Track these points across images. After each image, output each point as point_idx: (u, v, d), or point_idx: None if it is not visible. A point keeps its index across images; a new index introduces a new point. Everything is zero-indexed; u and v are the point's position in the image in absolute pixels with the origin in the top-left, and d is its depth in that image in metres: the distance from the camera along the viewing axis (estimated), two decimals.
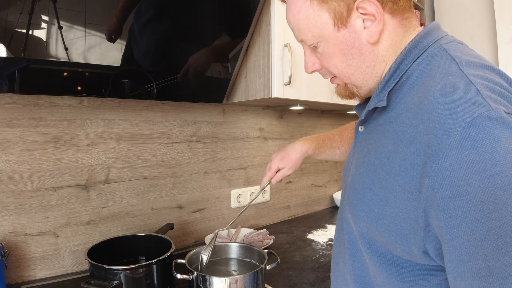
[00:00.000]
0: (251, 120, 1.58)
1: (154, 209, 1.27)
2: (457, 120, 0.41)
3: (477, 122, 0.40)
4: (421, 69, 0.51)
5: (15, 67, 0.83)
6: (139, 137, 1.22)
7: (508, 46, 1.73)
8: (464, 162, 0.40)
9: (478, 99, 0.41)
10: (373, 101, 0.56)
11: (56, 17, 0.83)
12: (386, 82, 0.54)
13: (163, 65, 1.07)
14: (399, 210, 0.48)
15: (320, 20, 0.54)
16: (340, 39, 0.54)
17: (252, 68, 1.24)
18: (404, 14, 0.54)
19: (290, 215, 1.81)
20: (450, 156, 0.40)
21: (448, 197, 0.41)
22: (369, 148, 0.57)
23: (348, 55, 0.55)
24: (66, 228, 1.07)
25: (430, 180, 0.43)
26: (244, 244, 1.05)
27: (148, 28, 0.97)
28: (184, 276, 0.84)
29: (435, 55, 0.51)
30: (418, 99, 0.48)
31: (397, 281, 0.53)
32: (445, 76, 0.47)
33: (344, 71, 0.57)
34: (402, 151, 0.48)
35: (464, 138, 0.40)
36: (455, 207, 0.41)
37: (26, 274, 1.00)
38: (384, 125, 0.54)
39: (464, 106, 0.41)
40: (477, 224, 0.40)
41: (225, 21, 1.12)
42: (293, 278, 1.06)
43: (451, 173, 0.40)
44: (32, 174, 1.00)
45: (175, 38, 1.04)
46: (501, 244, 0.39)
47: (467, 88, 0.43)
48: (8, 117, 0.97)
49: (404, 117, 0.50)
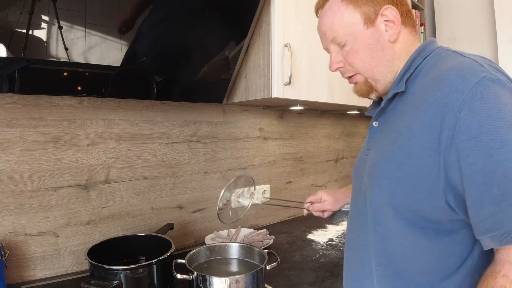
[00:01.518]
0: (251, 120, 1.58)
1: (154, 209, 1.27)
2: (467, 82, 0.53)
3: (482, 82, 0.53)
4: (430, 64, 0.64)
5: (15, 67, 0.83)
6: (139, 137, 1.22)
7: (508, 46, 1.73)
8: (475, 111, 0.51)
9: (481, 68, 0.55)
10: (393, 90, 0.67)
11: (56, 17, 0.83)
12: (403, 74, 0.67)
13: (164, 64, 1.07)
14: (421, 168, 0.57)
15: (353, 20, 0.67)
16: (368, 35, 0.67)
17: (252, 68, 1.24)
18: (411, 28, 0.70)
19: (290, 215, 1.81)
20: (465, 109, 0.52)
21: (466, 140, 0.52)
22: (388, 130, 0.68)
23: (373, 49, 0.67)
24: (66, 228, 1.07)
25: (449, 131, 0.54)
26: (244, 244, 1.05)
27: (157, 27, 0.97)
28: (184, 276, 0.84)
29: (440, 53, 0.65)
30: (432, 79, 0.60)
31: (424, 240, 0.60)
32: (452, 60, 0.60)
33: (368, 63, 0.68)
34: (421, 117, 0.58)
35: (474, 93, 0.52)
36: (471, 147, 0.51)
37: (26, 274, 1.00)
38: (402, 107, 0.65)
39: (471, 73, 0.54)
40: (490, 158, 0.50)
41: (225, 21, 1.12)
42: (293, 278, 1.06)
43: (466, 121, 0.52)
44: (32, 174, 1.00)
45: (176, 38, 1.04)
46: (510, 174, 0.49)
47: (471, 63, 0.57)
48: (8, 117, 0.97)
49: (420, 93, 0.61)
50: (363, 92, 0.72)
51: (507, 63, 1.73)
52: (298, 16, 1.22)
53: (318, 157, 1.99)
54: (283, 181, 1.77)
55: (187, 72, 1.15)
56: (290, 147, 1.80)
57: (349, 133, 2.22)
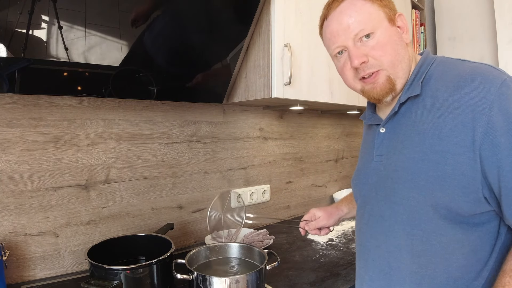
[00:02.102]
0: (251, 120, 1.58)
1: (154, 209, 1.27)
2: (492, 83, 0.60)
3: (505, 84, 0.59)
4: (440, 70, 0.69)
5: (15, 67, 0.83)
6: (139, 137, 1.22)
7: (508, 46, 1.73)
8: (504, 109, 0.58)
9: (497, 71, 0.62)
10: (405, 94, 0.70)
11: (56, 17, 0.83)
12: (413, 79, 0.70)
13: (164, 64, 1.07)
14: (457, 165, 0.61)
15: (379, 15, 0.69)
16: (394, 31, 0.70)
17: (252, 68, 1.24)
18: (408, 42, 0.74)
19: (290, 215, 1.81)
20: (494, 107, 0.58)
21: (500, 135, 0.58)
22: (406, 133, 0.69)
23: (398, 45, 0.70)
24: (66, 228, 1.07)
25: (483, 129, 0.58)
26: (244, 244, 1.05)
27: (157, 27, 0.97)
28: (184, 276, 0.84)
29: (445, 61, 0.70)
30: (451, 82, 0.64)
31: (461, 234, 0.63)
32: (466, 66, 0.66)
33: (394, 58, 0.69)
34: (450, 117, 0.62)
35: (501, 93, 0.59)
36: (505, 141, 0.57)
37: (26, 274, 1.00)
38: (419, 110, 0.68)
39: (493, 75, 0.61)
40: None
41: (225, 21, 1.12)
42: (293, 278, 1.06)
43: (498, 118, 0.58)
44: (32, 174, 1.00)
45: (177, 38, 1.04)
46: None
47: (487, 67, 0.63)
48: (8, 117, 0.97)
49: (443, 95, 0.65)
50: (384, 90, 0.70)
51: (507, 63, 1.73)
52: (298, 16, 1.22)
53: (318, 157, 1.99)
54: (283, 181, 1.77)
55: (187, 72, 1.15)
56: (290, 147, 1.80)
57: (349, 133, 2.22)
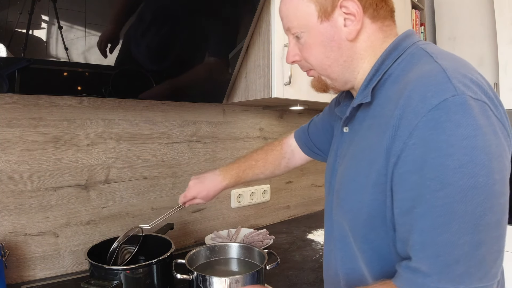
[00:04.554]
0: (251, 120, 1.58)
1: (154, 209, 1.27)
2: (425, 103, 0.45)
3: (442, 106, 0.43)
4: (401, 68, 0.55)
5: (15, 67, 0.83)
6: (139, 137, 1.22)
7: (508, 46, 1.73)
8: (425, 141, 0.44)
9: (447, 85, 0.45)
10: (358, 98, 0.59)
11: (56, 17, 0.83)
12: (369, 80, 0.57)
13: (164, 64, 1.07)
14: (376, 195, 0.52)
15: (307, 10, 0.58)
16: (322, 31, 0.58)
17: (252, 68, 1.24)
18: (384, 21, 0.59)
19: (290, 215, 1.81)
20: (415, 136, 0.45)
21: (409, 172, 0.46)
22: (355, 144, 0.61)
23: (327, 47, 0.58)
24: (66, 228, 1.07)
25: (395, 159, 0.48)
26: (244, 244, 1.05)
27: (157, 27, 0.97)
28: (184, 276, 0.84)
29: (414, 54, 0.55)
30: (399, 92, 0.51)
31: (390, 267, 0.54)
32: (421, 68, 0.51)
33: (321, 62, 0.60)
34: (382, 139, 0.51)
35: (429, 120, 0.44)
36: (413, 182, 0.45)
37: (26, 274, 1.00)
38: (369, 120, 0.58)
39: (433, 91, 0.45)
40: (423, 199, 0.44)
41: (225, 21, 1.12)
42: (293, 278, 1.06)
43: (414, 151, 0.45)
44: (32, 174, 1.00)
45: (177, 38, 1.04)
46: (439, 223, 0.43)
47: (439, 75, 0.47)
48: (8, 117, 0.97)
49: (386, 109, 0.53)
50: (319, 89, 0.66)
51: (507, 63, 1.73)
52: None
53: None
54: (283, 181, 1.77)
55: (187, 72, 1.15)
56: None
57: None
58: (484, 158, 0.41)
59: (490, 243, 0.42)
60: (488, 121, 0.43)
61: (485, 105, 0.44)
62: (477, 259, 0.42)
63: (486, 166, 0.41)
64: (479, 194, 0.41)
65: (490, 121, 0.44)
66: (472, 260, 0.42)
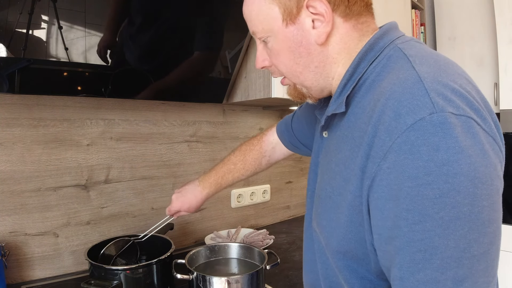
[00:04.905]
0: (251, 120, 1.58)
1: (154, 209, 1.27)
2: (399, 123, 0.39)
3: (418, 126, 0.38)
4: (377, 72, 0.49)
5: (15, 67, 0.83)
6: (139, 137, 1.22)
7: (508, 46, 1.73)
8: (399, 166, 0.39)
9: (424, 100, 0.39)
10: (332, 106, 0.53)
11: (56, 17, 0.83)
12: (343, 86, 0.51)
13: (164, 66, 1.07)
14: (352, 217, 0.47)
15: (270, 13, 0.52)
16: (288, 35, 0.52)
17: (252, 68, 1.24)
18: (359, 18, 0.52)
19: (290, 215, 1.81)
20: (389, 159, 0.40)
21: (384, 198, 0.41)
22: (331, 155, 0.55)
23: (296, 53, 0.53)
24: (66, 228, 1.07)
25: (369, 181, 0.43)
26: (244, 244, 1.05)
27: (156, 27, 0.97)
28: (184, 276, 0.84)
29: (390, 56, 0.49)
30: (373, 102, 0.46)
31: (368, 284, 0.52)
32: (396, 75, 0.45)
33: (292, 69, 0.55)
34: (355, 156, 0.46)
35: (403, 142, 0.38)
36: (389, 209, 0.40)
37: (26, 274, 1.00)
38: (343, 130, 0.52)
39: (408, 108, 0.39)
40: (399, 231, 0.39)
41: (225, 21, 1.12)
42: (293, 278, 1.06)
43: (388, 175, 0.40)
44: (32, 174, 1.00)
45: (176, 38, 1.04)
46: (419, 259, 0.38)
47: (415, 87, 0.41)
48: (8, 117, 0.97)
49: (360, 121, 0.48)
50: (296, 97, 0.60)
51: (507, 63, 1.73)
52: None
53: None
54: (283, 181, 1.77)
55: (187, 72, 1.15)
56: None
57: None
58: (468, 184, 0.36)
59: (476, 276, 0.38)
60: (474, 140, 0.38)
61: (470, 120, 0.39)
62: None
63: (470, 194, 0.36)
64: (463, 225, 0.36)
65: (476, 139, 0.38)
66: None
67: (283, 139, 0.92)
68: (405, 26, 1.76)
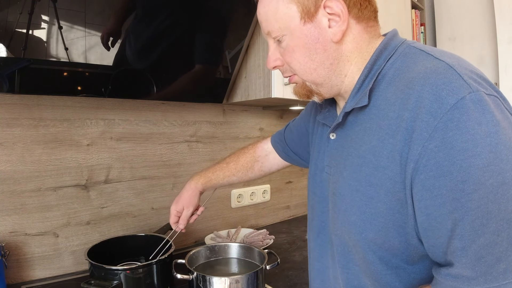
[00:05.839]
0: (251, 120, 1.58)
1: (154, 209, 1.27)
2: (442, 103, 0.42)
3: (461, 105, 0.42)
4: (396, 67, 0.52)
5: (15, 67, 0.83)
6: (139, 137, 1.22)
7: (508, 46, 1.73)
8: (448, 143, 0.41)
9: (460, 82, 0.43)
10: (351, 102, 0.55)
11: (56, 17, 0.83)
12: (362, 82, 0.54)
13: (164, 64, 1.07)
14: (391, 204, 0.49)
15: (288, 12, 0.55)
16: (305, 32, 0.54)
17: (252, 68, 1.24)
18: (369, 22, 0.56)
19: (290, 215, 1.81)
20: (436, 138, 0.42)
21: (434, 177, 0.43)
22: (349, 150, 0.56)
23: (312, 50, 0.55)
24: (66, 228, 1.07)
25: (415, 164, 0.45)
26: (244, 244, 1.05)
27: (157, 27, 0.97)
28: (184, 276, 0.84)
29: (407, 53, 0.53)
30: (401, 92, 0.48)
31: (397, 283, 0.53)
32: (423, 65, 0.48)
33: (306, 66, 0.57)
34: (389, 143, 0.48)
35: (449, 120, 0.42)
36: (440, 186, 0.43)
37: (26, 274, 1.00)
38: (364, 124, 0.54)
39: (448, 90, 0.43)
40: (457, 203, 0.42)
41: (225, 21, 1.12)
42: (293, 278, 1.06)
43: (436, 154, 0.42)
44: (32, 174, 1.00)
45: (176, 38, 1.04)
46: (478, 225, 0.42)
47: (448, 72, 0.45)
48: (8, 117, 0.97)
49: (388, 111, 0.50)
50: (302, 95, 0.62)
51: (507, 63, 1.73)
52: None
53: None
54: (283, 181, 1.77)
55: (188, 71, 1.15)
56: None
57: None
58: (508, 153, 0.41)
59: None
60: (503, 115, 0.43)
61: (497, 99, 0.44)
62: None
63: (510, 160, 0.41)
64: (509, 189, 0.41)
65: (504, 114, 0.43)
66: (511, 254, 0.42)
67: (276, 148, 0.95)
68: (405, 26, 1.76)
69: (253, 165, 0.97)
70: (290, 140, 0.91)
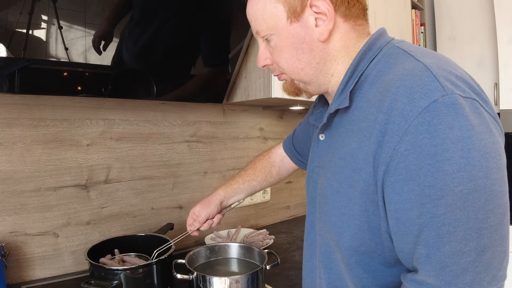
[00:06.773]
0: (251, 120, 1.58)
1: (154, 209, 1.27)
2: (414, 106, 0.42)
3: (432, 108, 0.41)
4: (379, 68, 0.52)
5: (15, 67, 0.83)
6: (139, 137, 1.22)
7: (508, 46, 1.73)
8: (418, 146, 0.41)
9: (434, 84, 0.42)
10: (335, 103, 0.55)
11: (56, 17, 0.83)
12: (345, 83, 0.54)
13: (164, 64, 1.07)
14: (366, 206, 0.49)
15: (275, 11, 0.55)
16: (292, 32, 0.54)
17: (252, 68, 1.24)
18: (357, 20, 0.56)
19: (290, 215, 1.81)
20: (406, 141, 0.42)
21: (403, 180, 0.42)
22: (334, 152, 0.57)
23: (299, 49, 0.55)
24: (66, 228, 1.07)
25: (385, 167, 0.44)
26: (244, 244, 1.05)
27: (157, 27, 0.97)
28: (184, 276, 0.84)
29: (390, 53, 0.52)
30: (380, 94, 0.48)
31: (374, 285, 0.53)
32: (402, 67, 0.47)
33: (293, 66, 0.57)
34: (366, 145, 0.48)
35: (420, 123, 0.41)
36: (409, 190, 0.42)
37: (26, 274, 1.00)
38: (347, 125, 0.54)
39: (421, 92, 0.42)
40: (424, 208, 0.41)
41: (225, 21, 1.12)
42: (293, 278, 1.06)
43: (406, 157, 0.42)
44: (32, 174, 1.00)
45: (176, 38, 1.04)
46: (443, 232, 0.41)
47: (424, 74, 0.44)
48: (8, 117, 0.97)
49: (367, 113, 0.50)
50: (291, 93, 0.63)
51: (507, 63, 1.73)
52: None
53: None
54: (283, 181, 1.77)
55: (187, 71, 1.15)
56: None
57: None
58: (481, 159, 0.40)
59: (494, 245, 0.41)
60: (481, 119, 0.41)
61: (475, 102, 0.42)
62: (484, 264, 0.41)
63: (483, 167, 0.40)
64: (480, 197, 0.40)
65: (482, 118, 0.42)
66: (479, 266, 0.41)
67: (288, 153, 0.97)
68: (405, 26, 1.76)
69: (271, 170, 0.99)
70: (297, 145, 0.93)
